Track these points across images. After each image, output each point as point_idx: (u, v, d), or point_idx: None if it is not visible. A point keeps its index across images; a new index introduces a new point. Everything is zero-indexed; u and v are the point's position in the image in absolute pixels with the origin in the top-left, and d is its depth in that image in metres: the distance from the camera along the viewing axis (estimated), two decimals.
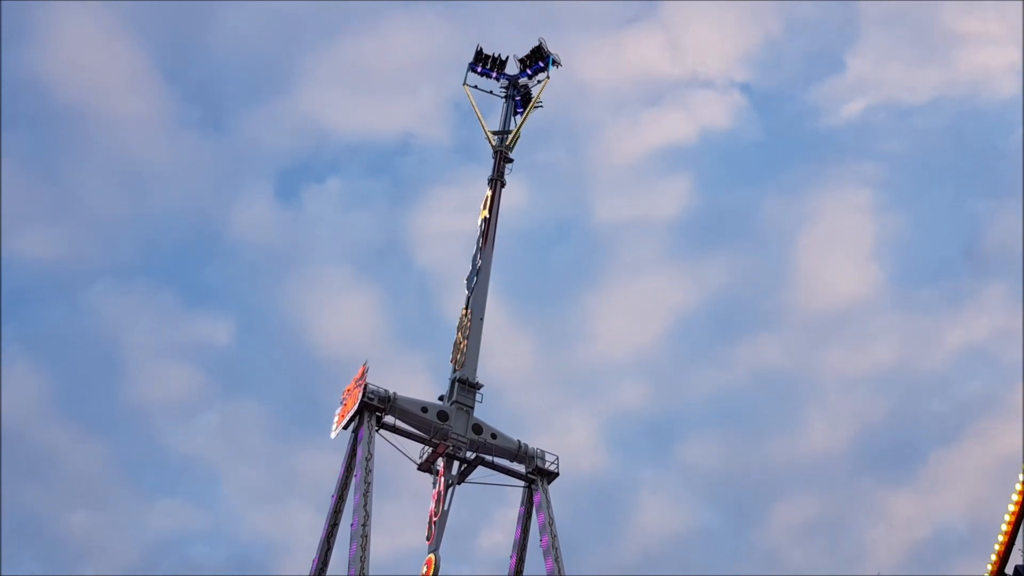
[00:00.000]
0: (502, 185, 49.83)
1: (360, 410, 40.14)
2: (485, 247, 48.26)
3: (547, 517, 40.54)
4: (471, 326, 45.21)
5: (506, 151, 50.29)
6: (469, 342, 44.35)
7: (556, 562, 38.99)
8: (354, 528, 36.44)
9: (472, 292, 47.06)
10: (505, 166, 50.10)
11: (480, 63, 52.06)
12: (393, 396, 40.92)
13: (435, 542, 40.13)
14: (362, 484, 37.60)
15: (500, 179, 49.88)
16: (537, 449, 43.03)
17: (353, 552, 35.50)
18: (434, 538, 40.09)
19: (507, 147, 50.28)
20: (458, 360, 44.00)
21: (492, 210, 49.09)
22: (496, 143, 50.64)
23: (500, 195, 49.82)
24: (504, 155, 50.29)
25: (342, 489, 39.72)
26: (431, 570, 38.66)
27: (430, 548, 39.96)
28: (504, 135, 51.02)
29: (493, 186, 49.83)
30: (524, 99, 51.98)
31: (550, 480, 42.43)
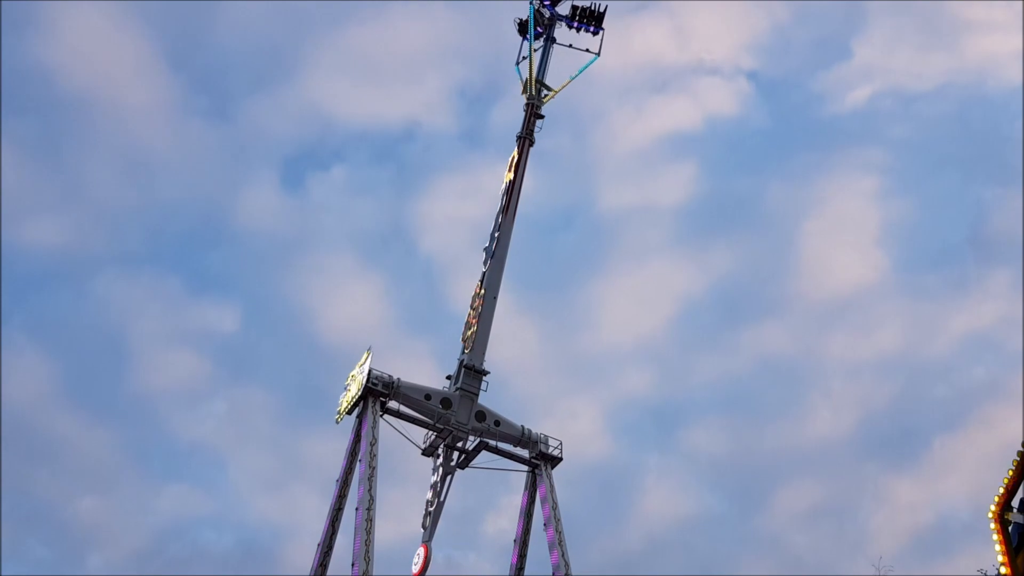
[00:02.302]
0: (530, 144, 46.21)
1: (364, 396, 40.31)
2: (506, 216, 44.90)
3: (551, 501, 40.68)
4: (483, 305, 43.22)
5: (539, 105, 46.58)
6: (479, 323, 42.71)
7: (559, 546, 39.16)
8: (358, 513, 36.68)
9: (488, 267, 44.48)
10: (536, 123, 46.43)
11: None
12: (397, 382, 41.05)
13: (429, 532, 40.64)
14: (366, 469, 37.78)
15: (529, 137, 46.24)
16: (541, 434, 43.14)
17: (357, 539, 35.75)
18: (429, 527, 40.63)
19: (541, 101, 46.60)
20: (468, 339, 42.80)
21: (518, 172, 45.53)
22: (531, 95, 46.63)
23: (528, 155, 46.11)
24: (536, 109, 46.56)
25: (346, 474, 39.99)
26: (424, 560, 39.25)
27: (424, 538, 40.48)
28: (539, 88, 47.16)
29: (521, 144, 46.14)
30: None
31: (554, 465, 42.55)
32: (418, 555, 39.77)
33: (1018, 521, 11.71)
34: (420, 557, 39.65)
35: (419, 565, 39.59)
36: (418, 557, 39.63)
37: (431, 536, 40.21)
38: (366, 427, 39.40)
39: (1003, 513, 11.72)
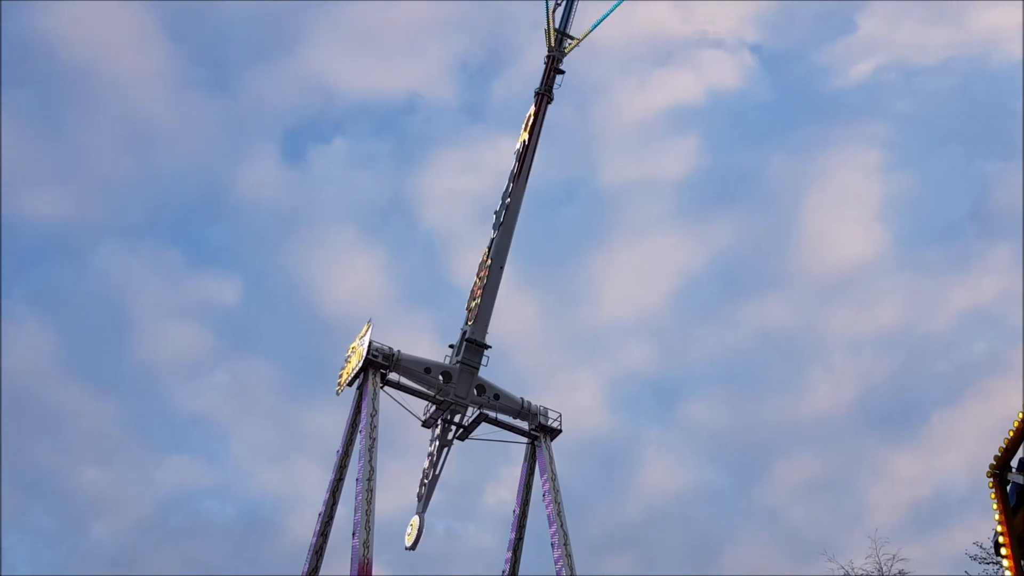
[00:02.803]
0: (549, 101, 43.33)
1: (364, 367, 40.36)
2: (518, 180, 42.52)
3: (550, 473, 40.91)
4: (489, 275, 41.82)
5: (560, 58, 43.49)
6: (484, 295, 41.62)
7: (558, 517, 39.43)
8: (358, 484, 36.86)
9: (497, 234, 42.60)
10: (556, 78, 43.41)
11: None
12: (397, 354, 41.09)
13: (423, 503, 41.72)
14: (366, 441, 37.91)
15: (548, 94, 43.28)
16: (540, 406, 43.31)
17: (358, 510, 35.95)
18: (423, 499, 41.50)
19: (563, 52, 43.47)
20: (472, 310, 41.97)
21: (534, 132, 42.64)
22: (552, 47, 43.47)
23: (545, 113, 43.24)
24: (556, 63, 43.55)
25: (347, 445, 40.15)
26: (417, 531, 40.30)
27: (417, 509, 41.46)
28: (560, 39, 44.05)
29: (539, 102, 43.20)
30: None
31: (553, 437, 42.75)
32: (411, 525, 41.26)
33: (1016, 481, 11.77)
34: (414, 528, 41.13)
35: (412, 536, 40.70)
36: (411, 528, 41.11)
37: (425, 508, 41.50)
38: (366, 399, 39.48)
39: (1002, 472, 11.78)
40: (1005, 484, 12.12)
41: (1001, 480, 12.11)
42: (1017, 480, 11.94)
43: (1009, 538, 11.67)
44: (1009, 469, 11.99)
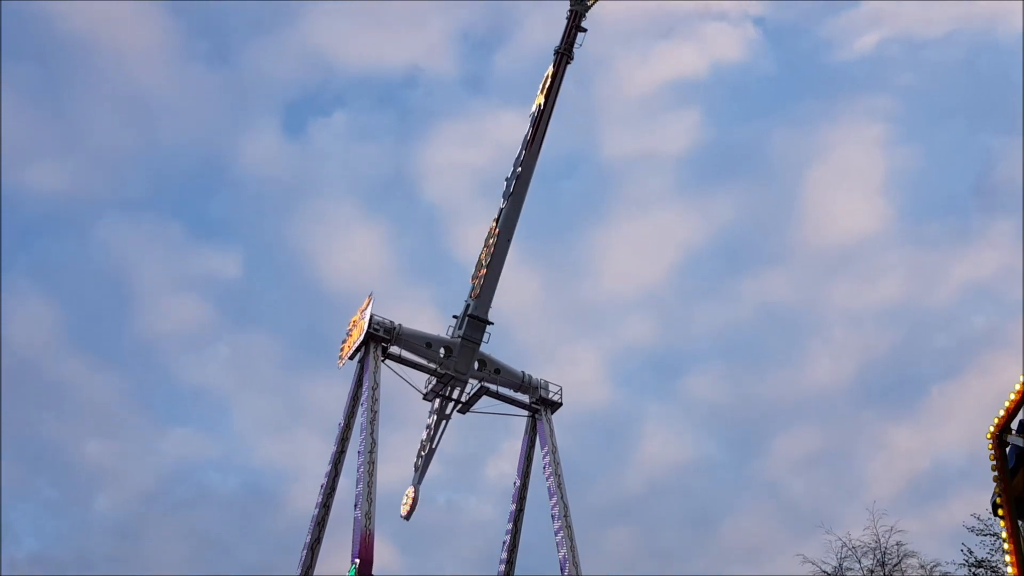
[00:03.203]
0: (568, 60, 39.71)
1: (366, 341, 40.50)
2: (531, 147, 39.83)
3: (550, 446, 41.17)
4: (495, 247, 40.55)
5: (582, 13, 39.52)
6: (489, 269, 40.63)
7: (559, 489, 39.73)
8: (360, 456, 37.11)
9: (507, 204, 40.70)
10: (577, 36, 39.60)
11: None
12: (398, 328, 41.21)
13: (419, 475, 42.99)
14: (368, 413, 38.11)
15: (568, 53, 39.62)
16: (541, 380, 43.52)
17: (359, 482, 36.20)
18: (420, 471, 42.79)
19: (586, 7, 39.48)
20: (477, 281, 41.29)
21: (551, 94, 39.39)
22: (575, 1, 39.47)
23: (564, 74, 39.68)
24: (579, 19, 39.59)
25: (349, 418, 40.41)
26: (412, 501, 41.87)
27: (413, 480, 42.40)
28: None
29: (558, 61, 39.60)
30: None
31: (554, 410, 43.00)
32: (407, 496, 42.81)
33: (1016, 443, 11.92)
34: (409, 498, 42.74)
35: (407, 506, 42.37)
36: (407, 498, 42.67)
37: (421, 480, 42.59)
38: (368, 372, 39.64)
39: (1001, 434, 11.93)
40: (1004, 446, 12.27)
41: (1000, 442, 12.26)
42: (1016, 442, 12.09)
43: (1007, 499, 11.85)
44: (1009, 431, 12.13)
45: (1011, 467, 12.10)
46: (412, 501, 42.43)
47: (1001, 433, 11.99)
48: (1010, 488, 11.86)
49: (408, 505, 42.33)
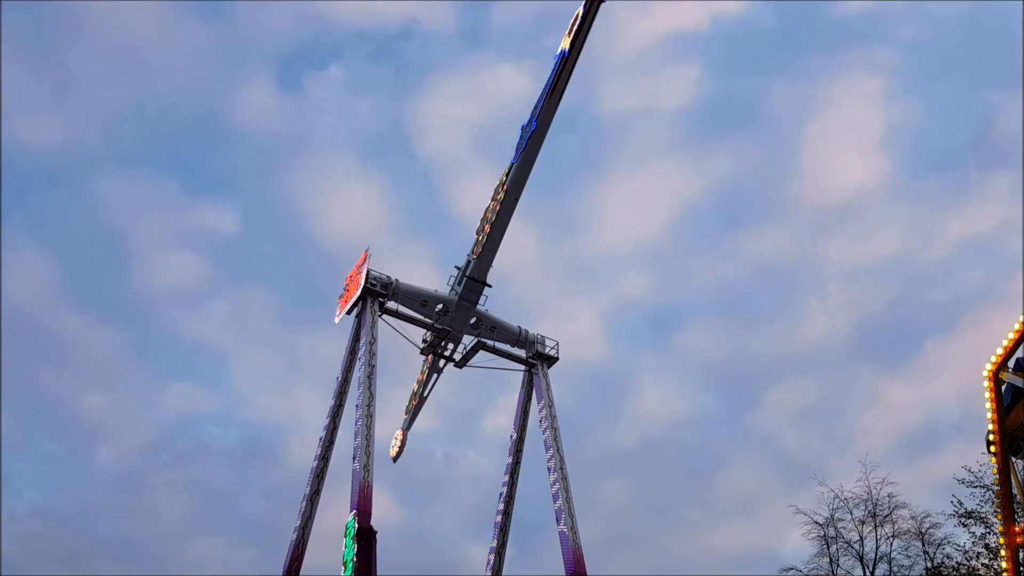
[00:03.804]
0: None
1: (363, 296, 40.52)
2: (552, 96, 35.82)
3: (547, 400, 41.46)
4: (502, 205, 38.49)
5: None
6: (493, 228, 39.04)
7: (555, 442, 40.10)
8: (358, 410, 37.34)
9: (518, 159, 37.64)
10: None
11: None
12: (395, 283, 41.21)
13: (409, 421, 44.83)
14: (365, 368, 38.26)
15: None
16: (537, 335, 43.70)
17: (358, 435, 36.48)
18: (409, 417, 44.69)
19: None
20: (480, 237, 39.96)
21: (578, 40, 34.78)
22: None
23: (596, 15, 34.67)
24: None
25: (346, 372, 40.59)
26: (400, 443, 44.14)
27: (403, 424, 45.01)
28: None
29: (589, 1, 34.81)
30: None
31: (550, 364, 43.24)
32: (396, 438, 44.60)
33: (1012, 381, 12.10)
34: (397, 441, 44.57)
35: (396, 448, 44.32)
36: (396, 440, 44.51)
37: (410, 426, 44.66)
38: (365, 327, 39.71)
39: (998, 372, 12.08)
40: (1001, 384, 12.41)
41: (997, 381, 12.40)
42: (1013, 381, 12.23)
43: (999, 436, 12.03)
44: (1006, 370, 12.28)
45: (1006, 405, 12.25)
46: (400, 444, 44.49)
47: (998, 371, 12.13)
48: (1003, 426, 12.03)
49: (396, 447, 44.47)
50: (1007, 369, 12.07)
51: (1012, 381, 11.98)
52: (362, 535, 32.78)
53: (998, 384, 12.14)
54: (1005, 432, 11.95)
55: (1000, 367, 12.06)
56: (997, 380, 12.11)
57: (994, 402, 12.02)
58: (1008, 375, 12.07)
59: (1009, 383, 12.00)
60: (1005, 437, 11.91)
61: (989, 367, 12.20)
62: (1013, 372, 12.06)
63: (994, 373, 12.15)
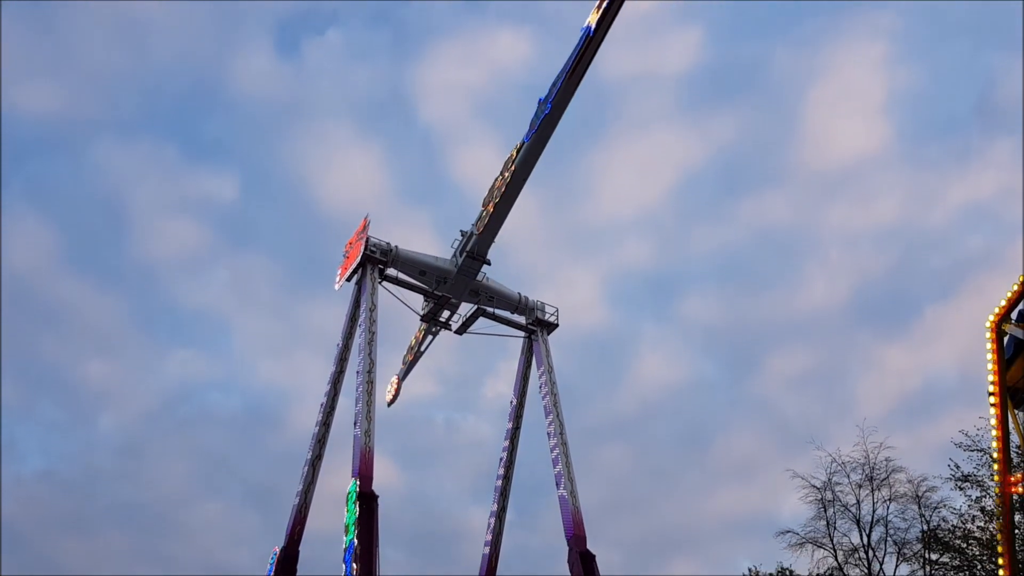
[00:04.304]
0: None
1: (362, 262, 40.51)
2: (572, 77, 33.51)
3: (546, 366, 41.57)
4: (510, 181, 37.02)
5: None
6: (498, 206, 37.93)
7: (554, 407, 40.29)
8: (359, 376, 37.47)
9: (530, 139, 35.91)
10: None
11: None
12: (395, 250, 41.15)
13: (404, 372, 45.95)
14: (366, 334, 38.32)
15: None
16: (537, 301, 43.74)
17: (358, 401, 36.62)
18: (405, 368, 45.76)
19: None
20: (486, 214, 38.88)
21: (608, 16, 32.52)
22: None
23: None
24: None
25: (347, 338, 40.71)
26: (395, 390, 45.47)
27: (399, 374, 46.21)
28: None
29: None
30: None
31: (550, 331, 43.32)
32: (391, 384, 45.73)
33: (1014, 333, 12.12)
34: (393, 387, 45.73)
35: (391, 394, 45.31)
36: (391, 387, 45.60)
37: (405, 376, 45.47)
38: (365, 294, 39.71)
39: (1000, 324, 12.11)
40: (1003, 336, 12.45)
41: (999, 332, 12.44)
42: (1015, 333, 12.26)
43: (999, 388, 12.09)
44: (1008, 321, 12.31)
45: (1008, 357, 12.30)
46: (395, 390, 45.49)
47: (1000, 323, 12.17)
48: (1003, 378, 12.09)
49: (391, 393, 45.09)
50: (1010, 321, 12.11)
51: (1014, 333, 12.01)
52: (364, 499, 33.02)
53: (1000, 336, 12.17)
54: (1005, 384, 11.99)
55: (1003, 319, 12.09)
56: (999, 332, 12.14)
57: (995, 353, 12.06)
58: (1010, 327, 12.09)
59: (1011, 335, 12.04)
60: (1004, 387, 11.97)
61: (992, 318, 12.21)
62: (1016, 324, 12.08)
63: (996, 324, 12.18)
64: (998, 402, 11.97)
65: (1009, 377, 12.19)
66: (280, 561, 37.46)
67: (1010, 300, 12.04)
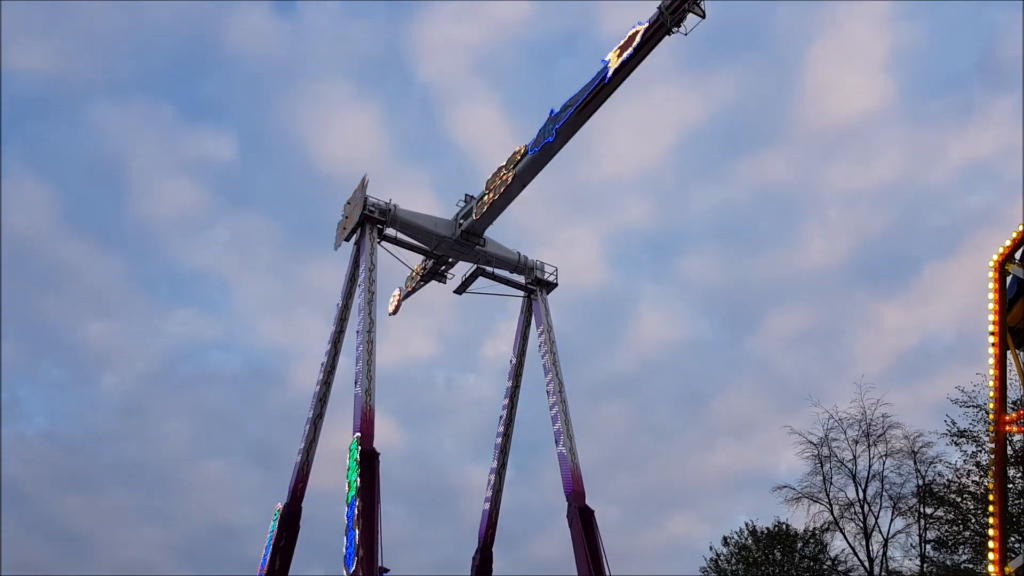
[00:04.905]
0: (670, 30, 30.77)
1: (361, 222, 40.40)
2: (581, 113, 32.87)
3: (546, 325, 41.71)
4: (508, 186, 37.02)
5: None
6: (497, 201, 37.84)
7: (553, 366, 40.50)
8: (359, 336, 37.58)
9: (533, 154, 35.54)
10: None
11: None
12: (394, 209, 41.03)
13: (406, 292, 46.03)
14: (365, 294, 38.36)
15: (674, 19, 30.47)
16: (536, 261, 43.74)
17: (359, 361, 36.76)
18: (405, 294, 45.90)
19: None
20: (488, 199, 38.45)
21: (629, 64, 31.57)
22: None
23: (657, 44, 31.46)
24: None
25: (346, 298, 40.77)
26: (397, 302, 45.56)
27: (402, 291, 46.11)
28: None
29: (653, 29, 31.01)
30: None
31: (549, 290, 43.39)
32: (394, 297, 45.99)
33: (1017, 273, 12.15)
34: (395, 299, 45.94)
35: (394, 305, 45.55)
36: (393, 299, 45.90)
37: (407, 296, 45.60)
38: (364, 254, 39.67)
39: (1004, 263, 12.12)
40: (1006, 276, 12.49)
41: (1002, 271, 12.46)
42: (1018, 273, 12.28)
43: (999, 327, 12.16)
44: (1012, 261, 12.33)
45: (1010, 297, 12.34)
46: (397, 302, 45.79)
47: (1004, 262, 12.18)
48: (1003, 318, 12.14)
49: (394, 305, 45.42)
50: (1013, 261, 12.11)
51: (1017, 273, 12.03)
52: (365, 457, 33.31)
53: (1003, 275, 12.19)
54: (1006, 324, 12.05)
55: (1007, 258, 12.09)
56: (1002, 271, 12.16)
57: (997, 292, 12.09)
58: (1014, 267, 12.11)
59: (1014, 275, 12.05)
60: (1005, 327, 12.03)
61: (996, 257, 12.23)
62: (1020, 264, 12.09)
63: (1000, 264, 12.18)
64: (997, 341, 12.03)
65: (1011, 318, 12.24)
66: (283, 518, 37.90)
67: (1015, 240, 12.03)
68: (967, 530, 37.89)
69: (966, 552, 38.20)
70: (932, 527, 41.14)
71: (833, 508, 44.38)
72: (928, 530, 41.31)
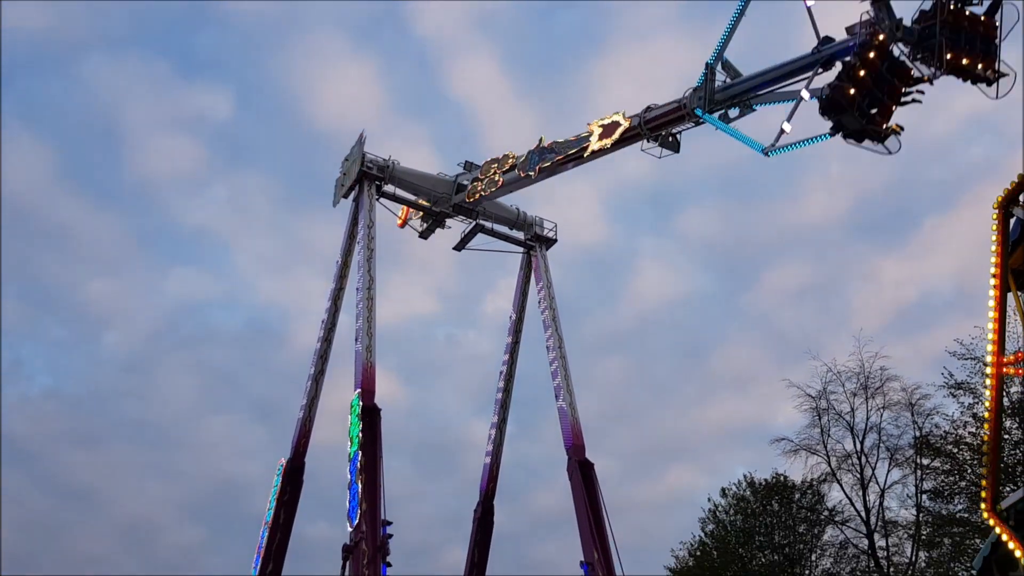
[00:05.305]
0: None
1: (359, 179, 40.17)
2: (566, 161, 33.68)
3: (545, 281, 41.73)
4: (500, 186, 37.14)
5: None
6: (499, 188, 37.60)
7: (553, 322, 40.61)
8: (359, 293, 37.60)
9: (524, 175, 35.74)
10: None
11: None
12: (392, 165, 40.77)
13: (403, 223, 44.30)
14: (364, 251, 38.28)
15: None
16: (536, 216, 43.61)
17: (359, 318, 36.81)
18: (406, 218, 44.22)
19: None
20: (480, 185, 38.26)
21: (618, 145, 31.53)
22: None
23: None
24: None
25: (346, 256, 40.72)
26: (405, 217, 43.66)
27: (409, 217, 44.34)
28: None
29: None
30: None
31: (548, 246, 43.33)
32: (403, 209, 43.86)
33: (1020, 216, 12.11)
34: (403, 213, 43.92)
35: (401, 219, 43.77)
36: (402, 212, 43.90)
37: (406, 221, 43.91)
38: (363, 211, 39.51)
39: (1008, 204, 12.06)
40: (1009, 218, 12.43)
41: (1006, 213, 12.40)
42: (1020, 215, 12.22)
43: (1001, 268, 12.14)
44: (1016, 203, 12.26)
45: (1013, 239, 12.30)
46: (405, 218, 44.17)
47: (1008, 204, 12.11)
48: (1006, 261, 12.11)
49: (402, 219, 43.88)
50: (1018, 203, 12.03)
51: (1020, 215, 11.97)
52: (366, 413, 33.54)
53: (1006, 217, 12.14)
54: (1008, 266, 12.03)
55: (1011, 200, 12.02)
56: (1006, 213, 12.11)
57: (1000, 234, 12.05)
58: (1018, 209, 12.04)
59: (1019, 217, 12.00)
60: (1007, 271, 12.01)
61: (999, 198, 12.16)
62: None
63: (1003, 205, 12.12)
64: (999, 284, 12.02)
65: (1013, 260, 12.22)
66: (287, 472, 38.34)
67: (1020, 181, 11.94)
68: (963, 480, 38.37)
69: (962, 502, 38.72)
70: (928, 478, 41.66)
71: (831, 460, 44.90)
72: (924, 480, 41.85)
